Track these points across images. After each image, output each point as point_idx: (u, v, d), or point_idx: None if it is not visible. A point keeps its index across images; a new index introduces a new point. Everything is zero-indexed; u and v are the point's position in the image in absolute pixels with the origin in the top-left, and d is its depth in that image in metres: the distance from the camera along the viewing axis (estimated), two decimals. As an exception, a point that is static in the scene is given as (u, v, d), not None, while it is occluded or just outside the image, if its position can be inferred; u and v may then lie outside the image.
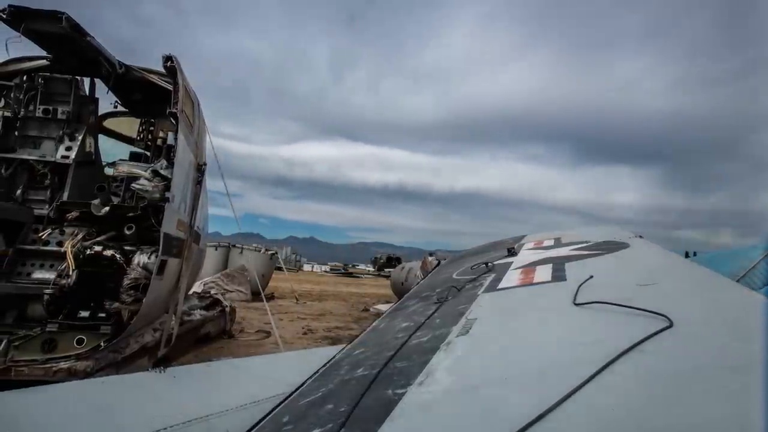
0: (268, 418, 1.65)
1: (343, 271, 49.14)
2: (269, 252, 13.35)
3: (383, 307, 10.95)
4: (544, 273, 2.80)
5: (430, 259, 10.54)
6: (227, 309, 5.97)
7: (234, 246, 12.68)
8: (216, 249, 12.12)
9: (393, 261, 45.32)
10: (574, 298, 2.00)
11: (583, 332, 1.60)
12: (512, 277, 2.88)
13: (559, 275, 2.65)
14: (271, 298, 12.09)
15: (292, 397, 1.82)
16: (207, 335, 5.36)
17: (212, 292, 7.14)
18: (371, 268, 51.81)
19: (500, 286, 2.70)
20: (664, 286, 2.02)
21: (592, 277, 2.25)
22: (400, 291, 12.54)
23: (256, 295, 11.75)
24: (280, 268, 15.21)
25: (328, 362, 2.29)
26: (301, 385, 2.01)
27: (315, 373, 2.15)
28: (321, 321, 8.68)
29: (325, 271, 51.22)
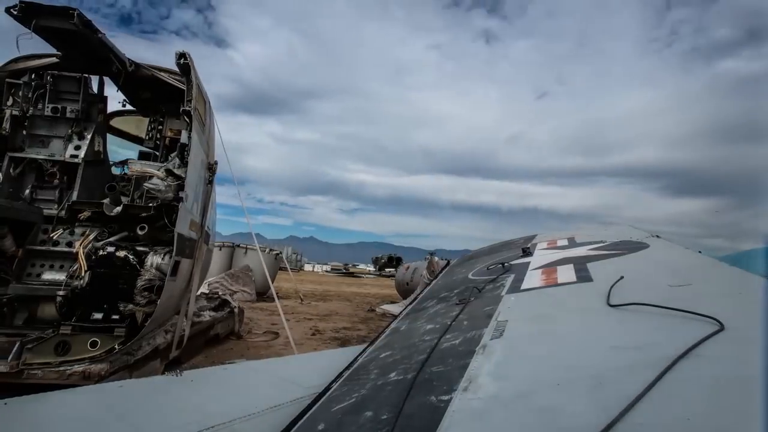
0: (299, 424, 1.59)
1: (344, 271, 49.09)
2: (274, 252, 13.30)
3: (389, 308, 10.88)
4: (567, 273, 2.75)
5: (436, 259, 10.47)
6: (236, 310, 5.91)
7: (238, 246, 12.62)
8: (220, 249, 12.05)
9: (394, 261, 45.29)
10: (608, 299, 1.95)
11: (627, 335, 1.55)
12: (534, 278, 2.83)
13: (583, 275, 2.60)
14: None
15: (321, 402, 1.76)
16: (216, 336, 5.30)
17: (220, 292, 7.09)
18: (372, 268, 51.73)
19: (523, 286, 2.65)
20: (700, 287, 1.96)
21: (622, 278, 2.20)
22: (405, 291, 12.49)
23: (260, 296, 11.69)
24: (283, 268, 15.16)
25: (351, 365, 2.24)
26: (327, 389, 1.95)
27: (339, 377, 2.09)
28: (328, 322, 8.61)
29: (326, 271, 51.14)
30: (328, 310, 10.89)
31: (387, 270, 44.69)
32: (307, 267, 52.20)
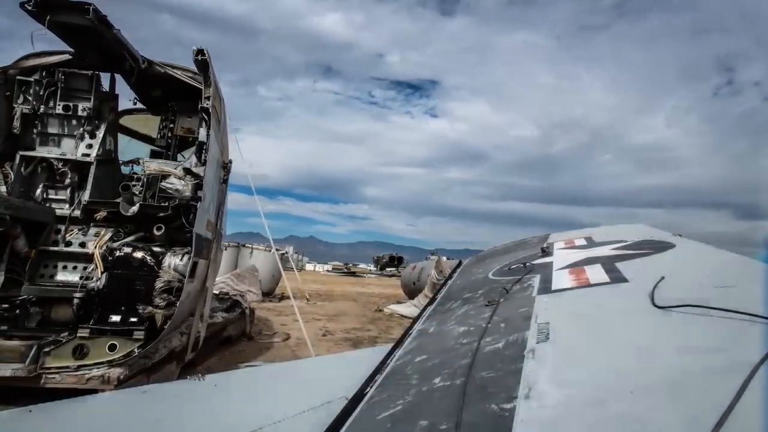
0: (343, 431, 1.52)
1: (345, 270, 49.00)
2: (279, 252, 13.24)
3: (397, 308, 10.81)
4: (597, 273, 2.67)
5: (444, 259, 10.39)
6: (247, 310, 5.84)
7: (244, 246, 12.57)
8: (225, 249, 11.98)
9: (395, 260, 45.32)
10: (652, 301, 1.88)
11: (687, 338, 1.48)
12: (563, 278, 2.75)
13: (616, 276, 2.52)
14: (281, 298, 12.00)
15: (361, 408, 1.69)
16: (228, 338, 5.23)
17: (231, 293, 7.01)
18: (373, 267, 51.71)
19: (554, 287, 2.57)
20: (749, 288, 1.89)
21: (663, 278, 2.13)
22: (412, 291, 12.40)
23: (265, 296, 11.63)
24: (289, 269, 15.10)
25: (382, 369, 2.16)
26: (362, 394, 1.88)
27: (372, 381, 2.02)
28: (337, 322, 8.55)
29: (328, 271, 51.06)
30: (335, 310, 10.83)
31: (388, 270, 44.72)
32: (309, 266, 52.08)
